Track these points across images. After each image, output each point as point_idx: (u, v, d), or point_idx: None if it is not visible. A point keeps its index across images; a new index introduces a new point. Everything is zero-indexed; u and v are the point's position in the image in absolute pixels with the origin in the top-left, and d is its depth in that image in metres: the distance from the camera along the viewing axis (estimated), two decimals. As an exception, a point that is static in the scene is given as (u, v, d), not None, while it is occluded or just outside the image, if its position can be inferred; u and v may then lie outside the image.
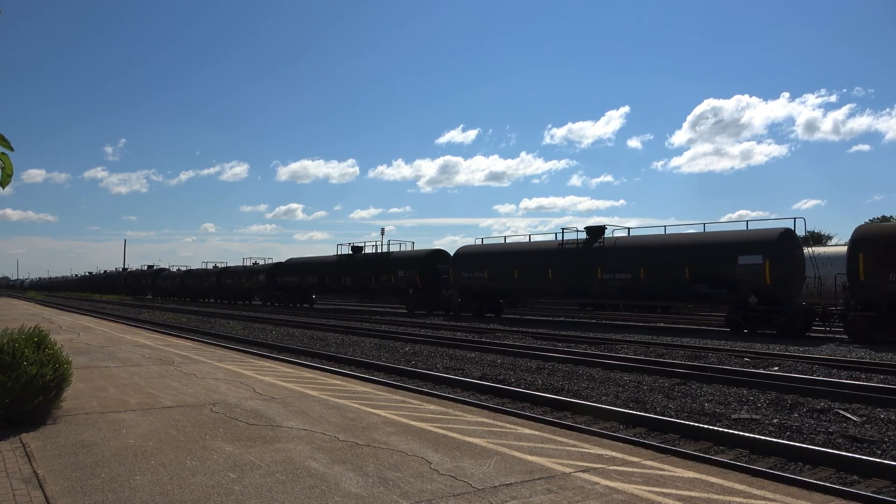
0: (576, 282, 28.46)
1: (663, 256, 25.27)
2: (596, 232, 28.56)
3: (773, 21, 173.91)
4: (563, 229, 29.59)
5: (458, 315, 33.54)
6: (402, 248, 40.25)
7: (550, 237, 30.62)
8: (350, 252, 43.47)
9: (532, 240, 32.36)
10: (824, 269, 24.18)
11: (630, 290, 26.66)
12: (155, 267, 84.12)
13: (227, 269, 62.08)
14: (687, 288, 24.60)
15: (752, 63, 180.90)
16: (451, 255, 35.85)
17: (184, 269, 74.97)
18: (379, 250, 41.74)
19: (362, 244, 43.35)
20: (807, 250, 23.76)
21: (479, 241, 35.35)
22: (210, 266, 67.94)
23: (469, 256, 33.81)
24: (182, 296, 69.30)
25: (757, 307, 22.48)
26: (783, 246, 22.56)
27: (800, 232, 24.13)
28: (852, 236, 20.87)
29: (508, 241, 33.71)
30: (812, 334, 22.47)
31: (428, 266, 36.91)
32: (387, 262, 39.28)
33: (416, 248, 39.98)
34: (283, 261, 51.79)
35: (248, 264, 58.61)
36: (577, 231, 29.10)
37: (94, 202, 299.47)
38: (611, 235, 28.34)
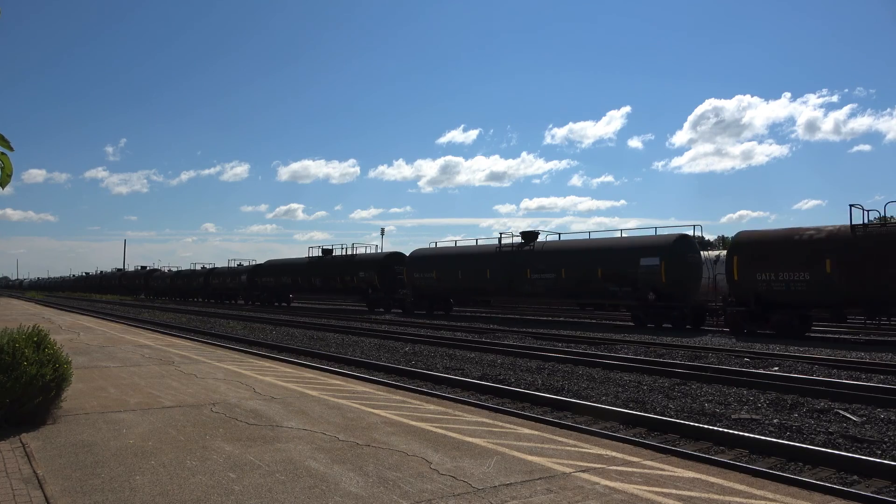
0: (509, 281, 31.43)
1: (581, 259, 28.49)
2: (529, 236, 31.78)
3: (775, 21, 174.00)
4: (500, 234, 33.63)
5: (411, 312, 36.75)
6: (366, 251, 43.67)
7: (494, 242, 33.42)
8: (320, 254, 46.94)
9: (478, 244, 35.59)
10: (721, 270, 26.89)
11: (554, 289, 29.76)
12: (148, 268, 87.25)
13: (213, 270, 65.05)
14: (600, 287, 27.54)
15: (753, 63, 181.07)
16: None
17: (175, 269, 77.99)
18: (349, 252, 45.05)
19: (331, 247, 46.98)
20: (705, 254, 26.28)
21: (432, 245, 38.33)
22: (198, 267, 70.99)
23: (420, 259, 36.99)
24: (172, 295, 71.80)
25: (655, 303, 25.38)
26: (678, 250, 25.62)
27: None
28: (730, 241, 23.40)
29: (459, 244, 36.96)
30: (705, 328, 24.93)
31: (386, 268, 40.09)
32: (350, 264, 42.78)
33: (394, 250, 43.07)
34: (263, 262, 55.18)
35: (232, 265, 61.95)
36: (514, 235, 32.46)
37: (95, 202, 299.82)
38: (542, 240, 31.47)
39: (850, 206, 20.99)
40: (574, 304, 34.33)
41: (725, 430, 8.08)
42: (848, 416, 9.24)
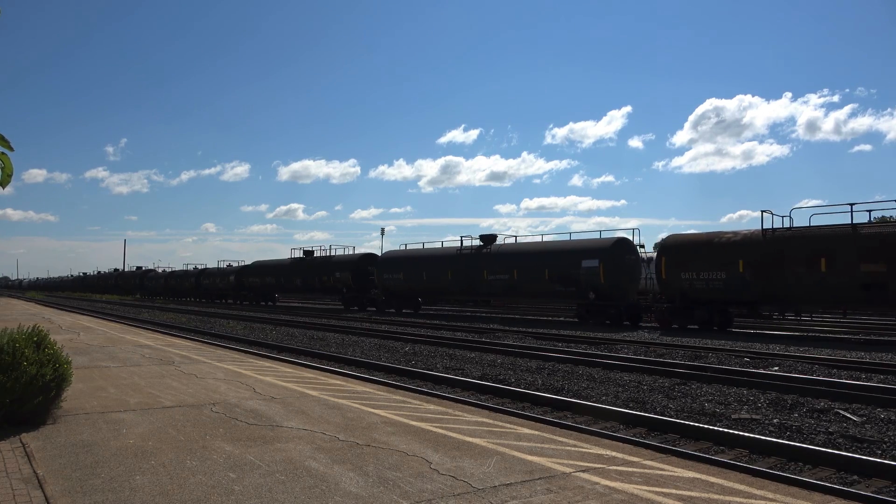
0: (469, 282, 34.01)
1: (531, 261, 30.79)
2: (488, 240, 34.34)
3: (777, 21, 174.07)
4: (461, 237, 36.17)
5: (382, 311, 39.54)
6: (344, 253, 46.37)
7: (457, 244, 35.84)
8: (302, 256, 49.65)
9: (443, 246, 37.84)
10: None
11: (507, 289, 32.56)
12: (143, 269, 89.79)
13: (204, 270, 67.35)
14: (547, 286, 29.95)
15: (754, 63, 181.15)
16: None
17: (168, 270, 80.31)
18: (328, 254, 48.07)
19: (313, 249, 49.42)
20: (646, 255, 28.98)
21: (402, 247, 40.68)
22: (190, 268, 73.06)
23: (389, 260, 39.75)
24: (166, 295, 73.92)
25: (595, 302, 27.81)
26: (616, 252, 27.85)
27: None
28: (659, 244, 26.51)
29: (427, 246, 39.07)
30: (642, 324, 27.34)
31: (360, 269, 42.75)
32: (328, 265, 45.53)
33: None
34: (250, 264, 57.75)
35: (222, 266, 64.47)
36: (473, 238, 35.16)
37: (95, 202, 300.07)
38: (499, 243, 33.99)
39: (762, 211, 23.24)
40: (526, 303, 39.00)
41: (725, 430, 8.08)
42: (848, 416, 9.24)
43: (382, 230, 74.64)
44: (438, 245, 38.26)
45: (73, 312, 39.46)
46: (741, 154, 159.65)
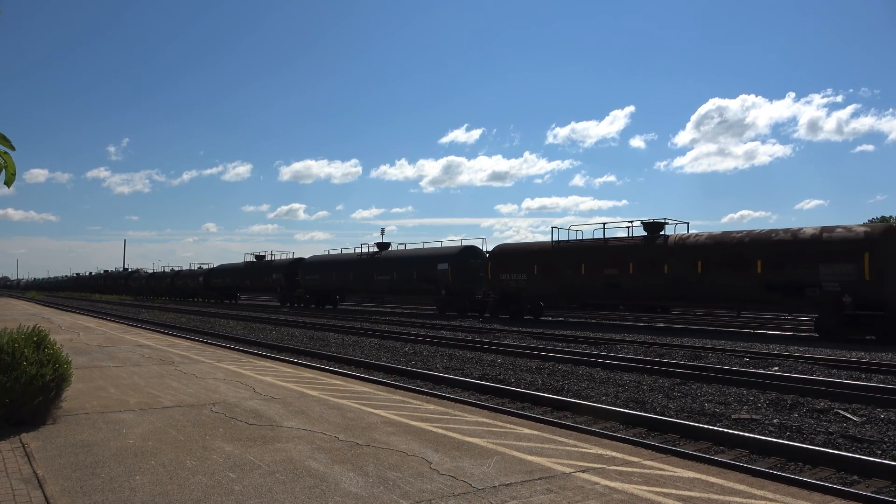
0: (364, 282, 42.12)
1: (405, 264, 38.84)
2: (382, 247, 42.21)
3: (780, 21, 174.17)
4: (362, 244, 45.93)
5: (308, 306, 47.43)
6: (282, 258, 54.51)
7: (365, 249, 43.50)
8: (254, 259, 57.63)
9: (356, 251, 44.78)
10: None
11: (389, 288, 40.73)
12: (129, 269, 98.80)
13: (178, 272, 75.44)
14: (416, 285, 38.05)
15: (758, 63, 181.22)
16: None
17: (149, 271, 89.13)
18: (272, 258, 56.11)
19: (264, 253, 57.06)
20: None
21: (327, 252, 49.23)
22: (168, 269, 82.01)
23: (310, 264, 48.17)
24: (147, 294, 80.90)
25: (447, 297, 35.67)
26: (462, 257, 35.74)
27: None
28: (489, 252, 34.12)
29: (345, 251, 46.57)
30: (486, 315, 33.28)
31: (290, 271, 50.32)
32: (269, 268, 53.89)
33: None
34: (214, 267, 65.77)
35: (194, 269, 72.29)
36: (370, 245, 43.23)
37: (96, 202, 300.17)
38: (390, 250, 41.69)
39: (552, 227, 30.59)
40: (403, 299, 48.50)
41: (725, 430, 8.08)
42: (848, 416, 9.24)
43: (382, 230, 74.47)
44: (352, 251, 45.05)
45: (72, 312, 39.46)
46: (743, 154, 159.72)
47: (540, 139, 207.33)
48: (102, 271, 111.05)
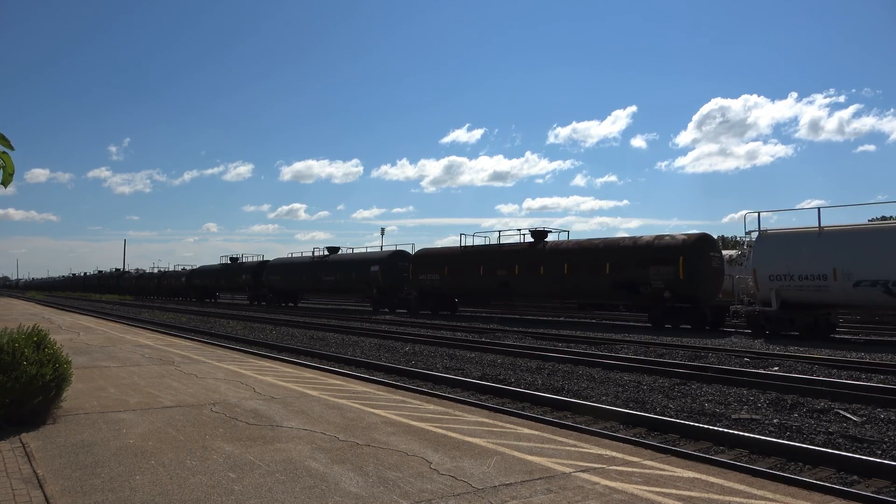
0: (314, 282, 47.90)
1: (346, 266, 44.84)
2: (332, 250, 48.80)
3: (783, 21, 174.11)
4: (314, 248, 53.88)
5: (271, 304, 52.81)
6: (251, 261, 60.05)
7: (321, 254, 49.19)
8: (229, 262, 63.33)
9: (307, 255, 50.96)
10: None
11: (334, 287, 46.58)
12: (120, 270, 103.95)
13: (164, 273, 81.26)
14: (355, 285, 43.84)
15: (761, 63, 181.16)
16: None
17: (140, 271, 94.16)
18: (242, 261, 61.90)
19: (237, 256, 62.99)
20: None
21: (290, 255, 54.92)
22: (156, 270, 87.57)
23: (272, 266, 54.35)
24: (136, 293, 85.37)
25: (378, 296, 41.63)
26: (392, 260, 41.33)
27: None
28: (413, 254, 39.68)
29: (305, 255, 51.96)
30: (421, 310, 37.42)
31: (257, 273, 56.04)
32: (240, 270, 59.56)
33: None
34: (196, 268, 71.52)
35: (178, 270, 77.94)
36: (321, 249, 49.54)
37: (97, 202, 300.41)
38: (338, 254, 47.76)
39: (461, 234, 37.29)
40: (346, 297, 56.61)
41: (725, 430, 8.08)
42: (848, 416, 9.24)
43: (382, 230, 75.03)
44: (309, 254, 50.70)
45: (72, 312, 39.46)
46: (745, 154, 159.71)
47: (541, 139, 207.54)
48: (97, 272, 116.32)
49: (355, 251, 47.13)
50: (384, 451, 5.72)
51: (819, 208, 21.68)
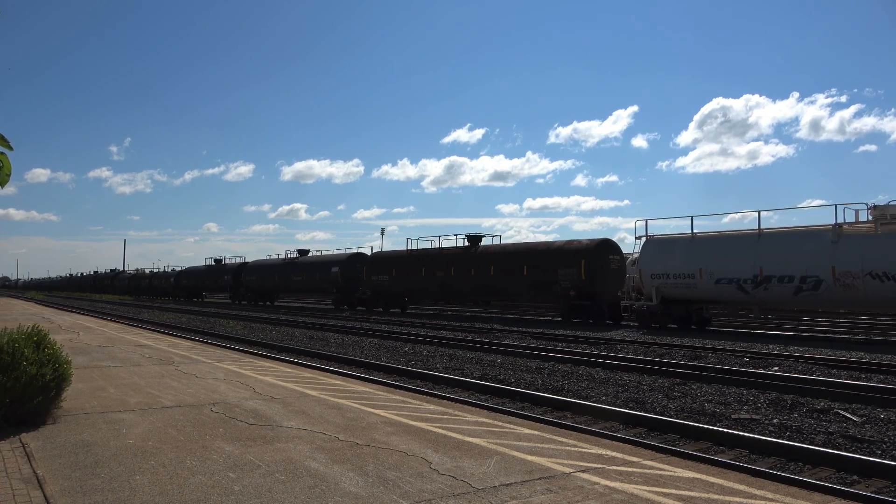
0: (285, 282, 52.11)
1: (311, 267, 48.75)
2: (302, 252, 53.24)
3: (785, 21, 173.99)
4: (224, 257, 66.12)
5: (250, 302, 58.13)
6: (233, 262, 64.76)
7: (292, 256, 54.20)
8: (213, 263, 68.09)
9: (281, 257, 56.84)
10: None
11: (301, 287, 50.55)
12: (115, 271, 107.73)
13: (155, 273, 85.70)
14: (318, 285, 47.71)
15: (762, 63, 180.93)
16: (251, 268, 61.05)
17: (141, 271, 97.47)
18: (224, 262, 66.78)
19: (221, 258, 67.68)
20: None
21: (267, 256, 61.17)
22: (147, 271, 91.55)
23: (250, 267, 58.89)
24: (130, 293, 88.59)
25: (337, 295, 45.61)
26: (350, 262, 44.71)
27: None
28: (367, 258, 43.79)
29: (279, 257, 57.64)
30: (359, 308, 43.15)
31: (237, 273, 60.69)
32: (223, 270, 64.04)
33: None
34: (181, 270, 76.44)
35: (167, 271, 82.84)
36: (238, 258, 59.12)
37: (98, 202, 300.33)
38: (308, 255, 52.42)
39: (407, 239, 42.15)
40: (314, 295, 57.92)
41: (725, 430, 8.08)
42: (848, 416, 9.24)
43: (382, 230, 75.03)
44: (283, 256, 55.96)
45: (72, 312, 39.45)
46: (746, 154, 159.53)
47: (542, 139, 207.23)
48: (93, 272, 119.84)
49: (323, 254, 51.15)
50: (384, 451, 5.72)
51: (692, 217, 25.13)
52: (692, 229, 24.99)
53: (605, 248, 29.28)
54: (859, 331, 24.41)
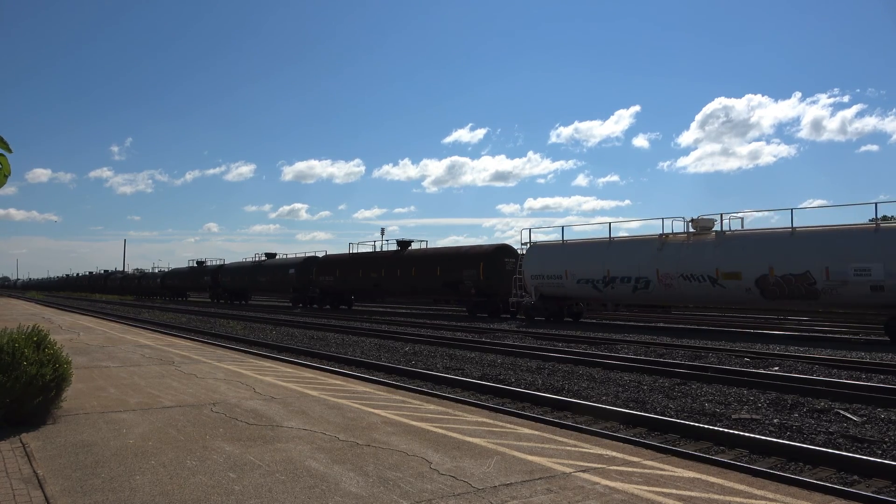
0: (254, 283, 56.82)
1: (274, 269, 54.01)
2: (269, 255, 57.92)
3: (788, 21, 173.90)
4: (205, 259, 70.59)
5: (227, 302, 61.99)
6: (214, 264, 68.51)
7: (261, 258, 59.20)
8: (196, 265, 72.16)
9: (251, 260, 61.45)
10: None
11: (267, 287, 55.42)
12: (108, 271, 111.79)
13: (144, 274, 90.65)
14: (280, 285, 52.97)
15: (765, 63, 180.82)
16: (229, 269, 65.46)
17: (139, 271, 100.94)
18: (205, 264, 71.11)
19: (204, 259, 72.33)
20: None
21: (244, 259, 65.24)
22: (136, 272, 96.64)
23: (226, 269, 63.15)
24: (121, 293, 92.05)
25: (294, 294, 50.48)
26: (305, 265, 49.14)
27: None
28: (317, 261, 48.47)
29: (250, 260, 62.05)
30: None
31: (215, 274, 64.35)
32: (203, 272, 68.41)
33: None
34: (168, 270, 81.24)
35: (155, 272, 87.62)
36: (261, 255, 59.67)
37: (99, 202, 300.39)
38: (275, 258, 56.88)
39: (350, 243, 50.30)
40: (276, 295, 62.48)
41: (725, 430, 8.08)
42: (848, 416, 9.24)
43: (382, 230, 74.79)
44: (256, 259, 59.76)
45: (73, 312, 39.45)
46: (747, 154, 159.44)
47: (543, 139, 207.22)
48: (88, 273, 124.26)
49: (287, 257, 55.74)
50: (384, 451, 5.72)
51: (563, 227, 29.83)
52: (562, 237, 29.90)
53: (501, 252, 34.39)
54: (860, 331, 24.40)
